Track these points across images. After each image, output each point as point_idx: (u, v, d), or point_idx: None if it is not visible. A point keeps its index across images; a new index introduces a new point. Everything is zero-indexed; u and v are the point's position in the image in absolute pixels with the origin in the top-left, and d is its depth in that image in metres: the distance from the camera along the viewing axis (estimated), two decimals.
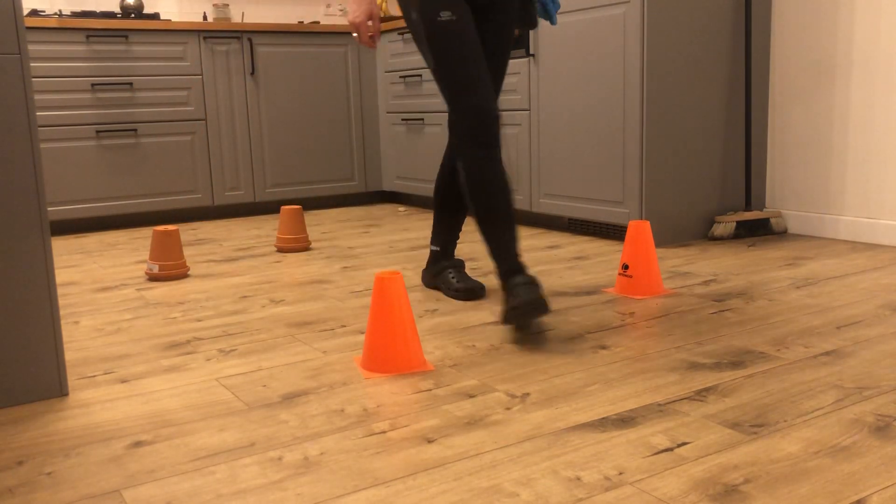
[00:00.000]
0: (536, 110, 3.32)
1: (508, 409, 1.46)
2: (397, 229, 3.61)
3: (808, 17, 3.03)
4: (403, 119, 4.25)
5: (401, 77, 4.22)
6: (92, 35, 3.69)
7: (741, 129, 3.15)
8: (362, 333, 1.98)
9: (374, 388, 1.59)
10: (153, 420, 1.46)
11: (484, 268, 2.70)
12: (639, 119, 2.89)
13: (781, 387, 1.53)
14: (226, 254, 3.12)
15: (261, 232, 3.65)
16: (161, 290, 2.51)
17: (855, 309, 2.06)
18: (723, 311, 2.07)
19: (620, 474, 1.19)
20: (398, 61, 4.23)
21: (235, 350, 1.87)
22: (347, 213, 4.22)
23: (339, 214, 4.19)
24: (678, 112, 2.96)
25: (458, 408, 1.47)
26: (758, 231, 3.13)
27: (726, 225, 3.06)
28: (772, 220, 3.14)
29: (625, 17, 2.88)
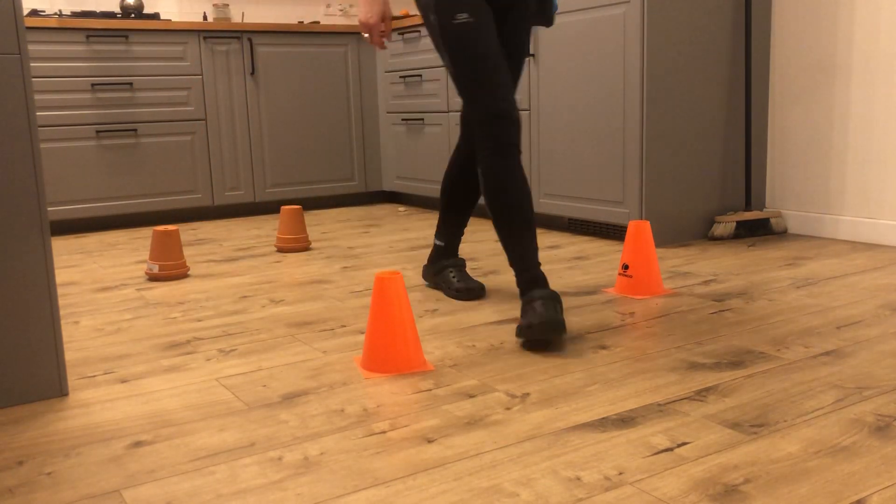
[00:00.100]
0: (536, 110, 3.32)
1: (508, 409, 1.46)
2: (397, 229, 3.61)
3: (808, 18, 3.03)
4: (403, 119, 4.25)
5: (401, 77, 4.22)
6: (92, 35, 3.69)
7: (741, 130, 3.15)
8: (362, 333, 1.98)
9: (374, 388, 1.59)
10: (153, 420, 1.46)
11: (484, 268, 2.70)
12: (639, 119, 2.89)
13: (781, 387, 1.53)
14: (226, 254, 3.12)
15: (261, 232, 3.65)
16: (161, 290, 2.51)
17: (855, 309, 2.06)
18: (723, 311, 2.07)
19: (620, 474, 1.19)
20: (398, 61, 4.23)
21: (235, 350, 1.87)
22: (347, 213, 4.22)
23: (339, 214, 4.19)
24: (678, 112, 2.96)
25: (458, 408, 1.47)
26: (758, 231, 3.13)
27: (726, 225, 3.06)
28: (772, 220, 3.14)
29: (625, 17, 2.89)
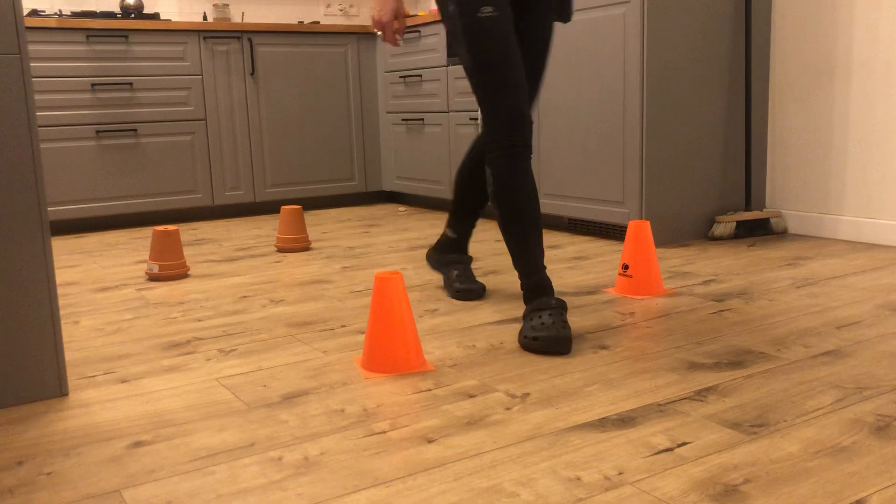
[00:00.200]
0: (536, 110, 3.32)
1: (508, 409, 1.46)
2: (397, 229, 3.61)
3: (808, 18, 3.03)
4: (403, 119, 4.25)
5: (401, 77, 4.22)
6: (92, 35, 3.69)
7: (741, 129, 3.15)
8: (362, 333, 1.98)
9: (374, 388, 1.59)
10: (153, 420, 1.46)
11: (485, 268, 2.70)
12: (639, 119, 2.89)
13: (781, 387, 1.53)
14: (226, 254, 3.12)
15: (261, 232, 3.65)
16: (161, 290, 2.51)
17: (855, 309, 2.05)
18: (723, 311, 2.07)
19: (620, 474, 1.19)
20: (398, 61, 4.23)
21: (235, 350, 1.87)
22: (347, 213, 4.22)
23: (339, 214, 4.19)
24: (678, 112, 2.96)
25: (458, 408, 1.47)
26: (758, 231, 3.13)
27: (726, 225, 3.06)
28: (772, 220, 3.14)
29: (625, 17, 2.88)
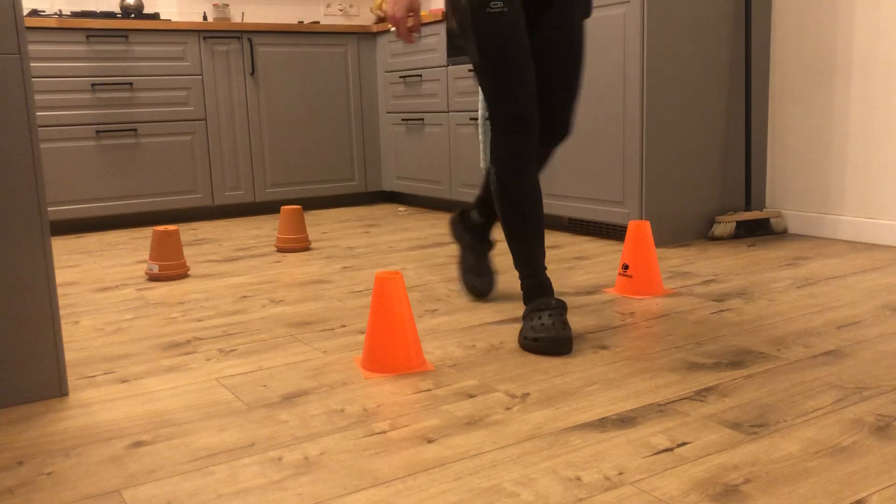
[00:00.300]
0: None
1: (508, 409, 1.46)
2: (397, 229, 3.61)
3: (808, 18, 3.03)
4: (403, 119, 4.25)
5: (401, 77, 4.22)
6: (92, 35, 3.69)
7: (741, 129, 3.15)
8: (362, 333, 1.98)
9: (374, 388, 1.59)
10: (153, 420, 1.46)
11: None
12: (639, 119, 2.89)
13: (781, 387, 1.53)
14: (226, 254, 3.12)
15: (261, 232, 3.65)
16: (161, 290, 2.51)
17: (855, 309, 2.05)
18: (723, 311, 2.07)
19: (620, 474, 1.19)
20: (398, 61, 4.23)
21: (235, 350, 1.87)
22: (347, 213, 4.22)
23: (339, 214, 4.19)
24: (678, 112, 2.96)
25: (458, 408, 1.47)
26: (758, 231, 3.13)
27: (726, 225, 3.06)
28: (772, 220, 3.14)
29: (625, 17, 2.88)
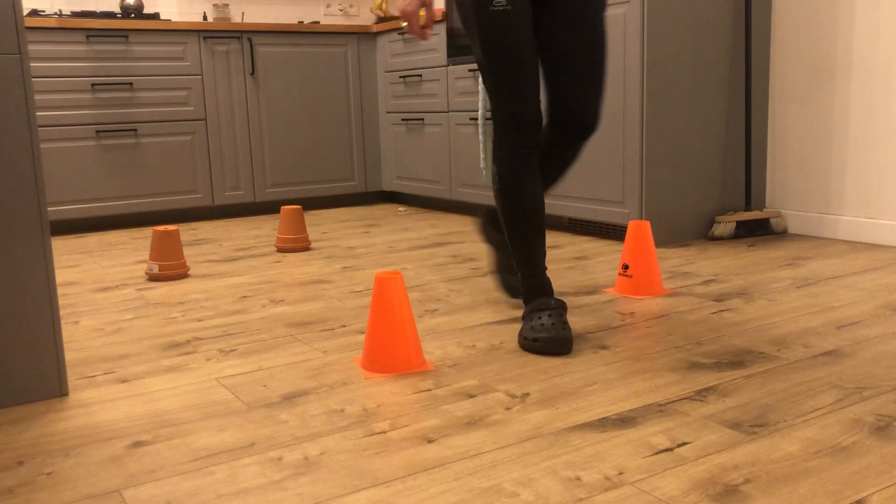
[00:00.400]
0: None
1: (508, 409, 1.46)
2: (397, 229, 3.61)
3: (808, 18, 3.03)
4: (403, 119, 4.25)
5: (401, 77, 4.22)
6: (92, 35, 3.69)
7: (741, 129, 3.15)
8: (362, 333, 1.98)
9: (374, 388, 1.59)
10: (153, 420, 1.46)
11: (484, 268, 2.69)
12: (639, 119, 2.89)
13: (781, 387, 1.53)
14: (226, 254, 3.12)
15: (261, 232, 3.65)
16: (161, 290, 2.51)
17: (855, 309, 2.05)
18: (723, 311, 2.07)
19: (620, 474, 1.19)
20: (398, 61, 4.23)
21: (235, 350, 1.87)
22: (347, 213, 4.22)
23: (339, 214, 4.19)
24: (678, 112, 2.96)
25: (458, 408, 1.47)
26: (758, 231, 3.13)
27: (726, 225, 3.06)
28: (772, 220, 3.13)
29: (625, 17, 2.88)
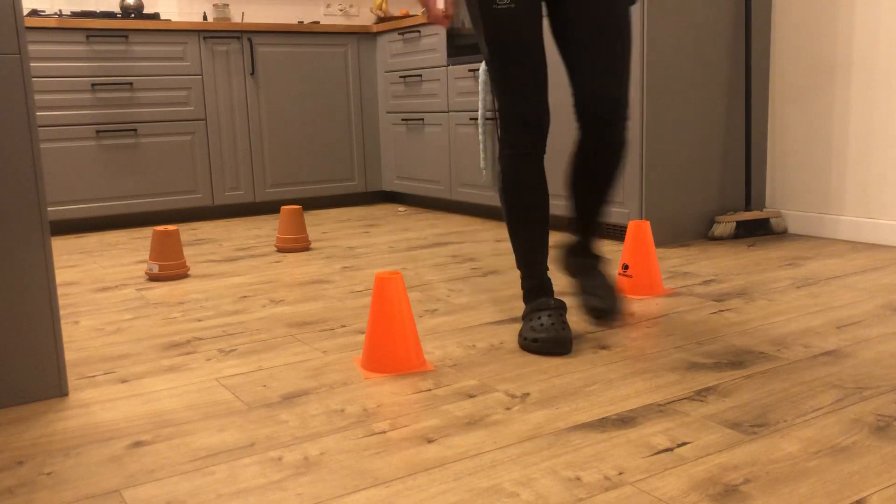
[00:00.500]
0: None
1: (508, 409, 1.46)
2: (397, 229, 3.61)
3: (808, 18, 3.03)
4: (403, 119, 4.25)
5: (401, 77, 4.22)
6: (92, 35, 3.69)
7: (741, 129, 3.15)
8: (362, 333, 1.98)
9: (374, 388, 1.59)
10: (153, 420, 1.46)
11: (484, 268, 2.70)
12: (639, 119, 2.89)
13: (781, 387, 1.53)
14: (226, 254, 3.12)
15: (261, 232, 3.65)
16: (161, 290, 2.51)
17: (855, 309, 2.05)
18: (723, 311, 2.07)
19: (620, 474, 1.19)
20: (398, 61, 4.23)
21: (235, 350, 1.87)
22: (347, 213, 4.22)
23: (339, 214, 4.19)
24: (678, 112, 2.96)
25: (458, 408, 1.47)
26: (758, 231, 3.13)
27: (726, 225, 3.06)
28: (772, 220, 3.14)
29: None
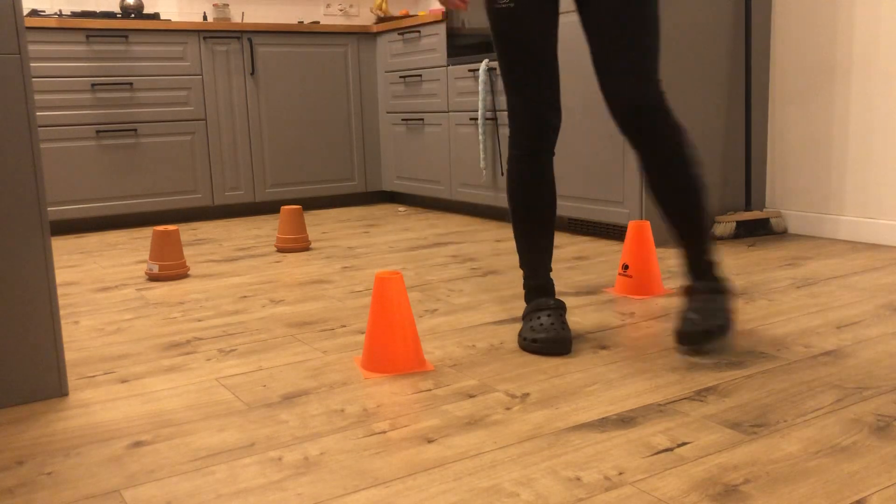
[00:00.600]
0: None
1: (508, 409, 1.46)
2: (397, 229, 3.61)
3: (808, 18, 3.03)
4: (403, 119, 4.25)
5: (401, 77, 4.22)
6: (92, 35, 3.69)
7: (741, 130, 3.15)
8: (362, 333, 1.98)
9: (374, 388, 1.59)
10: (153, 420, 1.46)
11: (484, 268, 2.70)
12: None
13: (781, 387, 1.53)
14: (226, 254, 3.12)
15: (261, 232, 3.64)
16: (161, 290, 2.51)
17: (855, 309, 2.05)
18: None
19: (620, 474, 1.19)
20: (398, 61, 4.23)
21: (235, 350, 1.87)
22: (347, 213, 4.22)
23: (339, 214, 4.19)
24: (678, 112, 2.96)
25: (458, 408, 1.47)
26: (758, 231, 3.13)
27: (726, 225, 3.06)
28: (772, 220, 3.14)
29: None
